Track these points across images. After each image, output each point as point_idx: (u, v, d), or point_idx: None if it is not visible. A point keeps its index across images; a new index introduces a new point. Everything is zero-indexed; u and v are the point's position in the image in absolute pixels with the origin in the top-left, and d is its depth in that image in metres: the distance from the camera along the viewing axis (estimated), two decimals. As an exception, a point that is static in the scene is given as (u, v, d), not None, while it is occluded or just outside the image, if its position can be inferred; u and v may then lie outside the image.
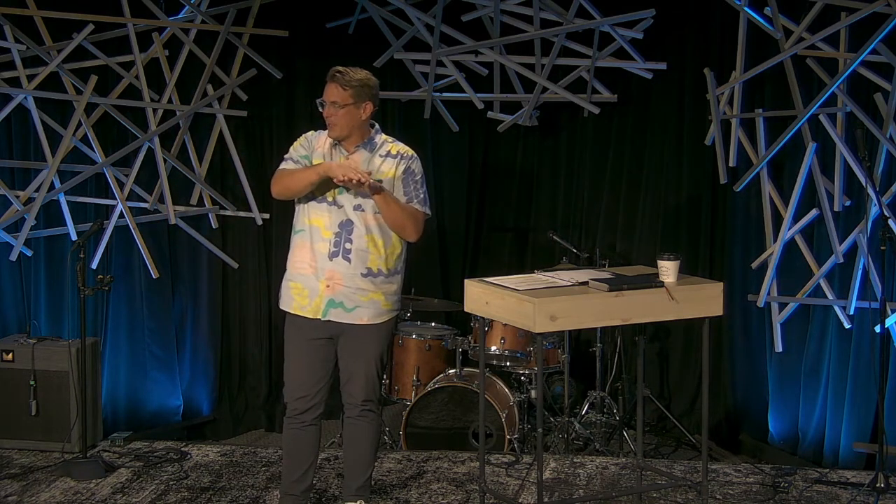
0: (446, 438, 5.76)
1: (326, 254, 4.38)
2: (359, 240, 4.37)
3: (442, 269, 6.77)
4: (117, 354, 6.31)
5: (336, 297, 4.39)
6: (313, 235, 4.41)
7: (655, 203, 6.50)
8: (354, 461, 4.59)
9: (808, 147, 5.82)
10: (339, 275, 4.37)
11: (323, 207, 4.40)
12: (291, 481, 4.55)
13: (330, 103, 4.36)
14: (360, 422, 4.54)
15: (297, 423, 4.52)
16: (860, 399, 5.67)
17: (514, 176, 6.72)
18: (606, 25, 6.17)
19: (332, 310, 4.40)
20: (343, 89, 4.34)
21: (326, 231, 4.39)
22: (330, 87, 4.36)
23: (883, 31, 5.57)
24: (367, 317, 4.43)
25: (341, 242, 4.37)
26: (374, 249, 4.40)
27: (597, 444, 5.95)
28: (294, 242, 4.49)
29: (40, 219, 6.21)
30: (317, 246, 4.39)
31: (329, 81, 4.37)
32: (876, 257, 5.48)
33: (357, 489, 4.58)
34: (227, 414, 6.50)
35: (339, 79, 4.35)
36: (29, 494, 5.12)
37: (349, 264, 4.37)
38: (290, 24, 6.32)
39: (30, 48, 6.07)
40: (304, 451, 4.55)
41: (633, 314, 4.25)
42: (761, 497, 5.13)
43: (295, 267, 4.46)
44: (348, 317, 4.41)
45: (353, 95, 4.35)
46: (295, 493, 4.56)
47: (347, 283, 4.38)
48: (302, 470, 4.54)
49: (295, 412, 4.51)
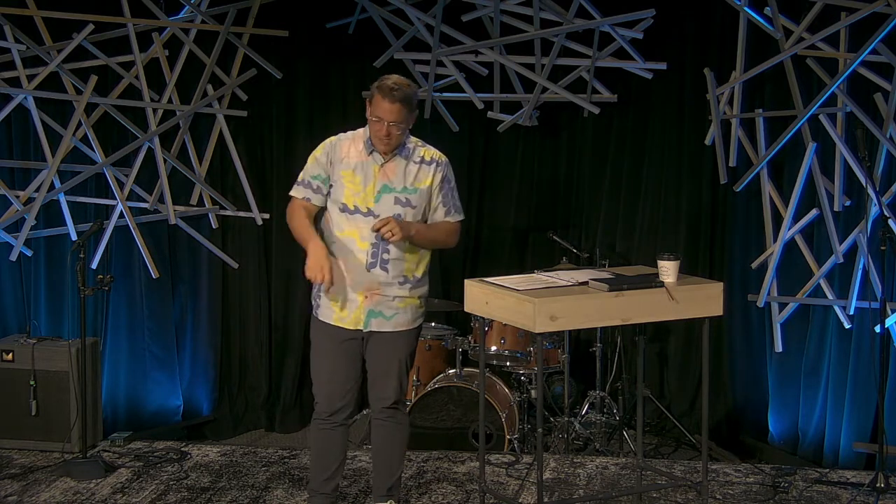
0: (446, 438, 5.76)
1: (364, 265, 4.33)
2: (396, 249, 4.34)
3: (442, 269, 6.77)
4: (117, 354, 6.31)
5: (376, 308, 4.37)
6: (348, 247, 4.34)
7: (655, 203, 6.50)
8: (385, 461, 4.57)
9: (808, 147, 5.82)
10: (378, 285, 4.35)
11: (357, 218, 4.33)
12: (321, 480, 4.54)
13: (390, 123, 4.24)
14: (390, 422, 4.53)
15: (327, 424, 4.50)
16: (860, 399, 5.67)
17: (514, 176, 6.72)
18: (606, 25, 6.17)
19: (372, 320, 4.38)
20: (403, 108, 4.22)
21: (363, 242, 4.33)
22: (391, 107, 4.22)
23: (883, 31, 5.57)
24: (406, 322, 4.43)
25: (378, 253, 4.33)
26: (410, 257, 4.39)
27: (597, 444, 5.95)
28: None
29: (40, 219, 6.21)
30: (352, 258, 4.33)
31: (389, 100, 4.21)
32: (876, 257, 5.48)
33: (388, 489, 4.58)
34: (227, 414, 6.49)
35: (400, 97, 4.20)
36: (29, 494, 5.12)
37: (387, 274, 4.35)
38: (290, 24, 6.32)
39: (30, 48, 6.07)
40: (333, 451, 4.53)
41: (633, 314, 4.25)
42: (761, 497, 5.13)
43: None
44: (389, 325, 4.40)
45: (409, 112, 4.28)
46: (325, 492, 4.54)
47: (386, 291, 4.37)
48: (332, 469, 4.53)
49: (325, 413, 4.49)
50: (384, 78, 4.31)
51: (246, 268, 6.52)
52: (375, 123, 4.28)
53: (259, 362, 6.56)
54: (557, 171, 6.70)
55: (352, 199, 4.33)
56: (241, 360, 6.60)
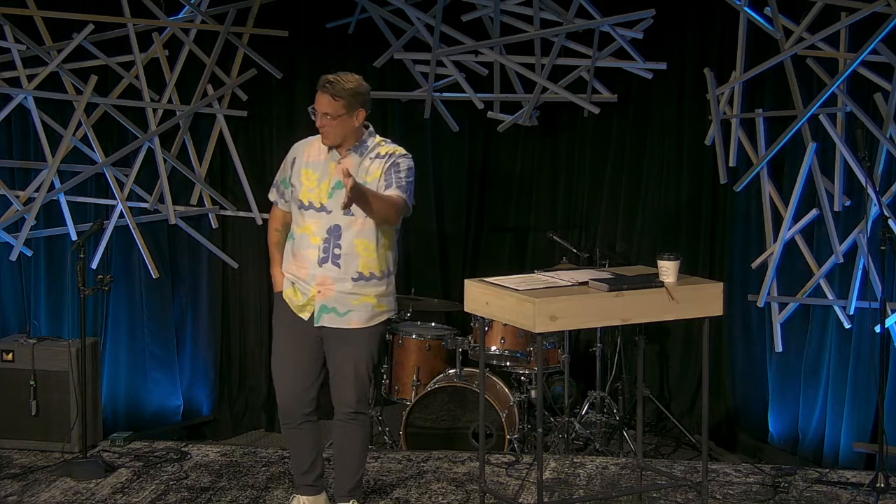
0: (446, 438, 5.76)
1: (316, 260, 4.38)
2: (348, 244, 4.36)
3: (442, 269, 6.77)
4: (117, 354, 6.31)
5: (328, 303, 4.40)
6: (303, 242, 4.41)
7: (655, 203, 6.50)
8: (347, 463, 4.59)
9: (808, 147, 5.82)
10: (330, 280, 4.38)
11: (311, 214, 4.39)
12: (300, 473, 4.64)
13: (321, 114, 4.32)
14: (352, 425, 4.54)
15: (290, 424, 4.57)
16: (860, 399, 5.67)
17: (514, 176, 6.72)
18: (606, 25, 6.17)
19: (324, 315, 4.41)
20: (334, 100, 4.29)
21: (315, 237, 4.38)
22: (321, 98, 4.31)
23: (883, 31, 5.57)
24: (358, 320, 4.43)
25: (330, 248, 4.36)
26: (364, 253, 4.38)
27: (597, 444, 5.95)
28: (287, 248, 4.52)
29: (40, 219, 6.21)
30: (306, 252, 4.39)
31: (320, 91, 4.32)
32: (876, 257, 5.48)
33: (350, 490, 4.59)
34: (227, 414, 6.49)
35: (329, 89, 4.29)
36: (29, 494, 5.12)
37: (339, 269, 4.37)
38: (290, 24, 6.32)
39: (30, 48, 6.07)
40: (305, 448, 4.60)
41: (633, 314, 4.26)
42: (761, 497, 5.13)
43: (289, 270, 4.49)
44: (341, 321, 4.42)
45: (346, 105, 4.31)
46: (308, 483, 4.63)
47: (339, 287, 4.38)
48: (308, 463, 4.60)
49: (287, 412, 4.56)
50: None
51: (246, 268, 6.52)
52: (315, 116, 4.36)
53: (259, 362, 6.55)
54: (557, 171, 6.70)
55: (307, 196, 4.39)
56: (241, 361, 6.60)
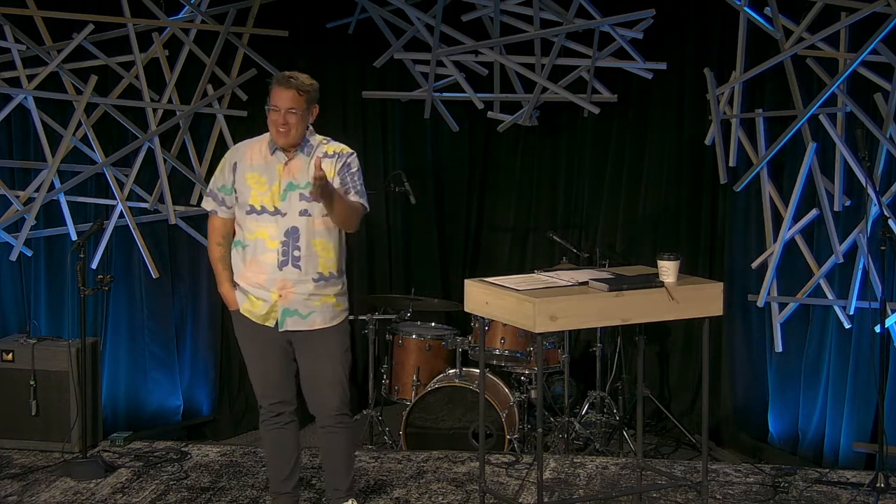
0: (446, 438, 5.76)
1: (275, 264, 4.34)
2: (307, 245, 4.33)
3: (442, 269, 6.77)
4: (117, 354, 6.30)
5: (290, 306, 4.37)
6: (258, 248, 4.35)
7: (655, 203, 6.50)
8: (339, 466, 4.57)
9: (808, 147, 5.82)
10: (291, 283, 4.35)
11: (265, 218, 4.35)
12: (280, 481, 4.58)
13: (287, 110, 4.29)
14: (339, 429, 4.51)
15: (275, 424, 4.55)
16: (860, 399, 5.67)
17: (514, 176, 6.72)
18: (606, 25, 6.17)
19: (287, 319, 4.38)
20: (300, 94, 4.29)
21: (272, 241, 4.34)
22: (285, 93, 4.28)
23: (883, 31, 5.57)
24: (322, 321, 4.41)
25: (289, 251, 4.33)
26: (323, 253, 4.37)
27: (597, 444, 5.95)
28: (235, 256, 4.45)
29: (40, 219, 6.20)
30: (263, 258, 4.35)
31: (283, 87, 4.28)
32: (876, 257, 5.48)
33: (346, 490, 4.58)
34: (227, 414, 6.49)
35: (294, 83, 4.28)
36: (29, 494, 5.12)
37: (300, 271, 4.34)
38: (290, 24, 6.32)
39: (30, 48, 6.07)
40: (287, 450, 4.57)
41: (633, 314, 4.26)
42: (761, 497, 5.13)
43: (244, 278, 4.42)
44: (304, 323, 4.39)
45: (307, 101, 4.32)
46: (287, 491, 4.58)
47: (300, 289, 4.36)
48: (289, 468, 4.57)
49: (271, 413, 4.54)
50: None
51: (246, 268, 6.51)
52: (273, 113, 4.32)
53: (259, 362, 6.55)
54: (557, 171, 6.71)
55: (258, 200, 4.35)
56: (241, 361, 6.53)
